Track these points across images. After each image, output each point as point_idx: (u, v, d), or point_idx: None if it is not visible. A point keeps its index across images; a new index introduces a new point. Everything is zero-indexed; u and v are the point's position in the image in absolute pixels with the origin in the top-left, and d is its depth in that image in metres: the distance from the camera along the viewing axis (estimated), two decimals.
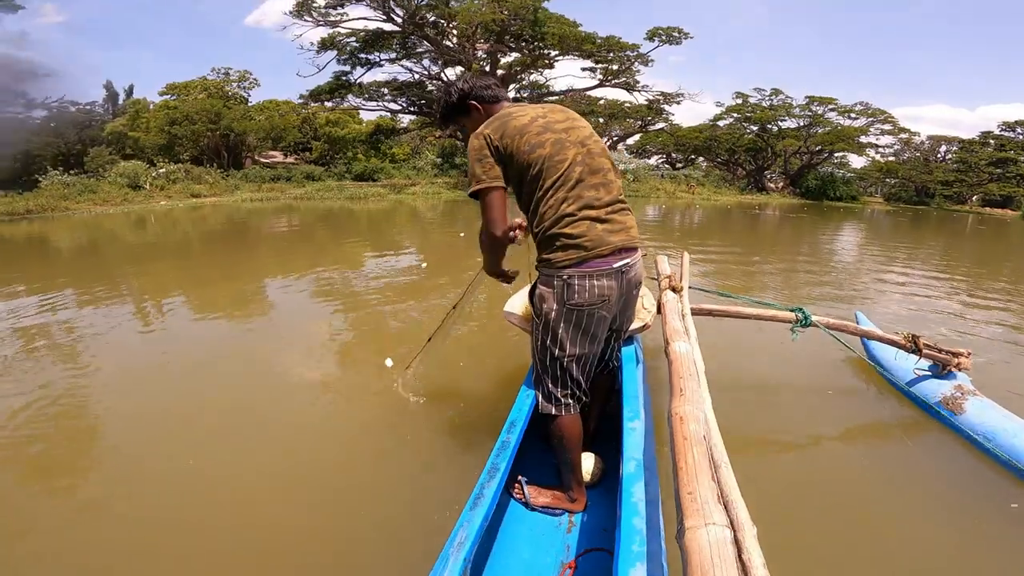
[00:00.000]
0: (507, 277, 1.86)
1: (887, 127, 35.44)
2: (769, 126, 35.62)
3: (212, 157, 29.62)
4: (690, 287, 2.79)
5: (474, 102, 1.70)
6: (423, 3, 23.06)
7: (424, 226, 12.71)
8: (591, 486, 1.78)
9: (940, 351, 2.74)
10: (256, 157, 34.92)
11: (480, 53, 24.99)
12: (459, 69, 26.90)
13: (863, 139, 35.45)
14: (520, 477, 1.76)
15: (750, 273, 7.37)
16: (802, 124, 35.88)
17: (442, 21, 23.62)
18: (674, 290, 2.57)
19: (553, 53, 25.50)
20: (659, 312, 2.41)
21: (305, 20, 23.95)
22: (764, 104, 35.05)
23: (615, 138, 42.31)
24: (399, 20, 23.98)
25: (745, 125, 36.56)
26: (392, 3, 23.06)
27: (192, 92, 31.73)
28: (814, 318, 2.78)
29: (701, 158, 42.92)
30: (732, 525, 1.00)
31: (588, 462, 1.80)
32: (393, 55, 26.89)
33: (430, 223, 13.25)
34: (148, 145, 29.30)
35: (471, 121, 1.71)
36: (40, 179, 23.33)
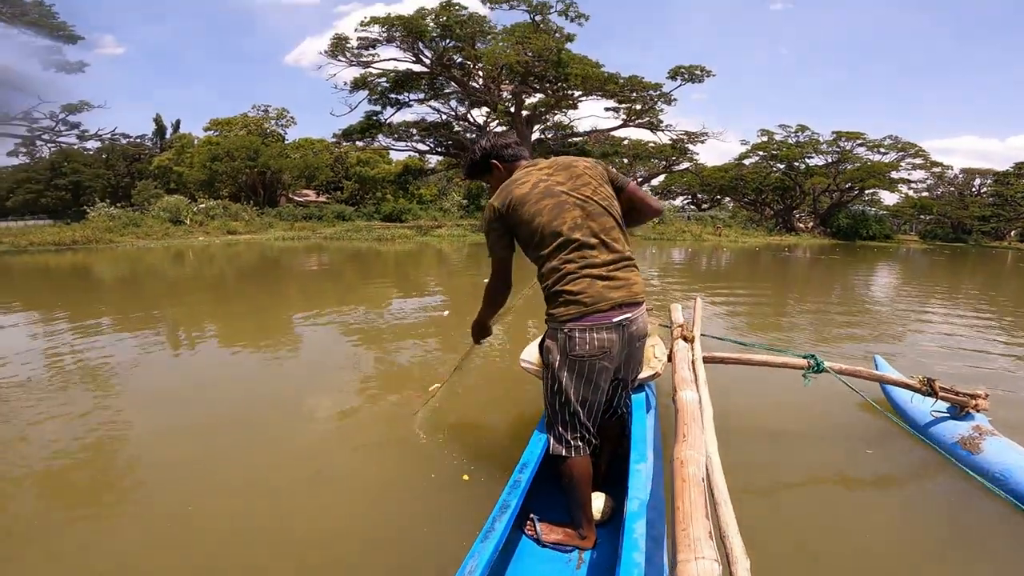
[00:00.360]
0: (488, 334, 2.15)
1: (918, 161, 34.60)
2: (796, 164, 35.09)
3: (249, 194, 30.95)
4: (703, 335, 2.84)
5: (495, 161, 1.84)
6: (450, 45, 24.18)
7: (449, 269, 12.71)
8: (601, 524, 1.85)
9: (957, 393, 2.75)
10: (290, 195, 36.36)
11: (505, 94, 25.84)
12: (484, 110, 27.81)
13: (894, 174, 34.55)
14: (532, 515, 1.84)
15: (780, 317, 7.13)
16: (830, 161, 35.40)
17: (468, 63, 24.65)
18: (685, 339, 2.64)
19: (577, 93, 26.16)
20: (671, 360, 2.47)
21: (339, 60, 25.34)
22: (790, 141, 34.63)
23: (640, 179, 42.56)
24: (427, 61, 25.18)
25: (771, 163, 36.15)
26: (421, 45, 24.28)
27: (234, 128, 33.50)
28: (826, 364, 2.80)
29: (727, 198, 42.63)
30: (727, 559, 1.11)
31: (598, 501, 1.87)
32: (422, 95, 28.03)
33: (455, 267, 13.28)
34: (191, 180, 30.85)
35: (493, 178, 1.86)
36: (88, 210, 24.66)
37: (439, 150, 30.87)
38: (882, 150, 34.09)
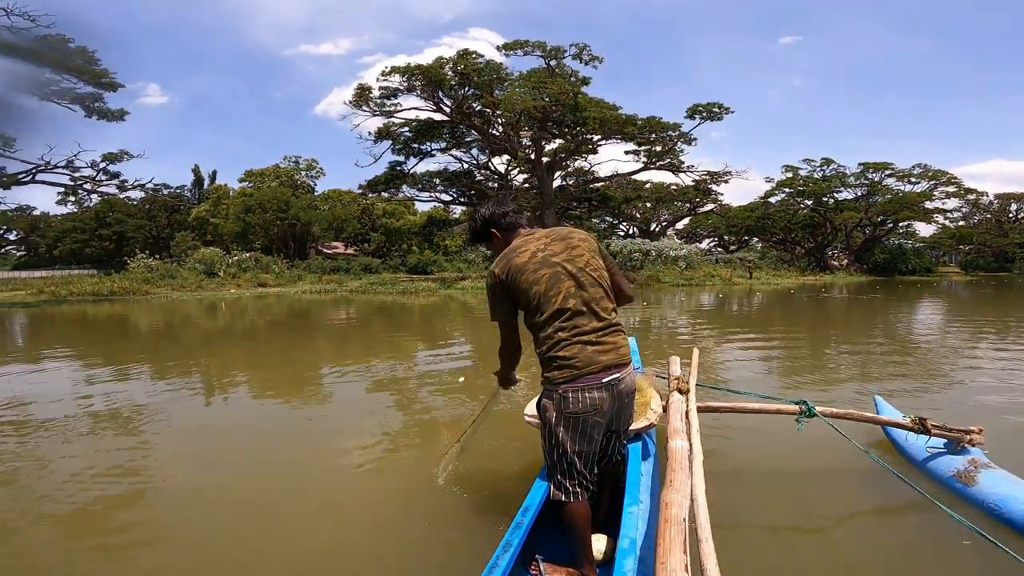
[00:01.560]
0: (515, 382, 2.33)
1: (951, 189, 33.49)
2: (824, 199, 34.43)
3: (280, 246, 31.86)
4: (698, 384, 3.00)
5: (494, 229, 2.01)
6: (469, 93, 24.90)
7: (474, 321, 12.30)
8: (603, 564, 1.94)
9: (950, 430, 2.86)
10: (319, 247, 37.30)
11: (525, 140, 26.36)
12: (505, 157, 28.41)
13: (928, 204, 33.50)
14: (538, 555, 1.97)
15: (822, 362, 6.75)
16: (860, 194, 34.63)
17: (487, 110, 25.30)
18: (680, 391, 2.77)
19: (596, 138, 26.49)
20: (666, 411, 2.61)
21: (363, 110, 26.22)
22: (816, 175, 34.01)
23: (664, 223, 42.34)
24: (448, 110, 25.95)
25: (799, 200, 35.57)
26: (440, 93, 25.08)
27: (267, 179, 34.60)
28: (817, 409, 2.90)
29: (755, 238, 41.95)
30: None
31: (599, 543, 1.98)
32: (443, 144, 28.80)
33: (479, 320, 13.00)
34: (226, 232, 32.00)
35: (493, 245, 2.04)
36: (128, 261, 25.64)
37: (462, 200, 31.38)
38: (912, 179, 33.20)
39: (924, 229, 39.83)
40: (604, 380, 1.78)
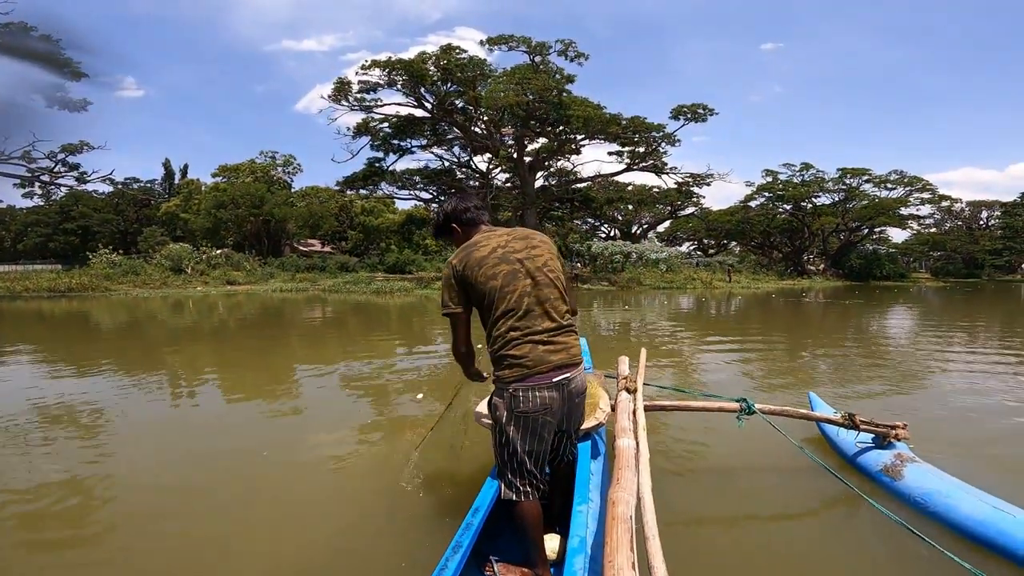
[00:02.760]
0: (483, 377, 2.19)
1: (926, 195, 33.93)
2: (803, 203, 34.72)
3: (253, 243, 30.86)
4: (646, 383, 3.06)
5: (455, 224, 1.98)
6: (451, 89, 24.30)
7: (445, 326, 12.01)
8: (556, 563, 1.95)
9: (877, 425, 2.98)
10: (295, 244, 36.26)
11: (507, 139, 25.93)
12: (487, 156, 27.96)
13: (903, 210, 34.04)
14: (492, 557, 1.96)
15: (797, 364, 6.55)
16: (837, 199, 34.96)
17: (470, 107, 24.74)
18: (628, 391, 2.81)
19: (579, 137, 26.18)
20: (615, 411, 2.63)
21: (342, 104, 25.32)
22: (795, 180, 34.22)
23: (645, 225, 42.29)
24: (429, 106, 25.32)
25: (778, 204, 35.79)
26: (423, 89, 24.42)
27: (242, 175, 33.39)
28: (756, 406, 3.00)
29: (734, 242, 42.19)
30: None
31: (552, 542, 2.00)
32: (424, 141, 28.16)
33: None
34: (196, 228, 30.82)
35: (454, 240, 2.00)
36: (90, 256, 24.46)
37: (442, 198, 30.79)
38: (889, 185, 33.63)
39: (897, 235, 40.53)
40: (554, 380, 1.79)
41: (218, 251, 26.74)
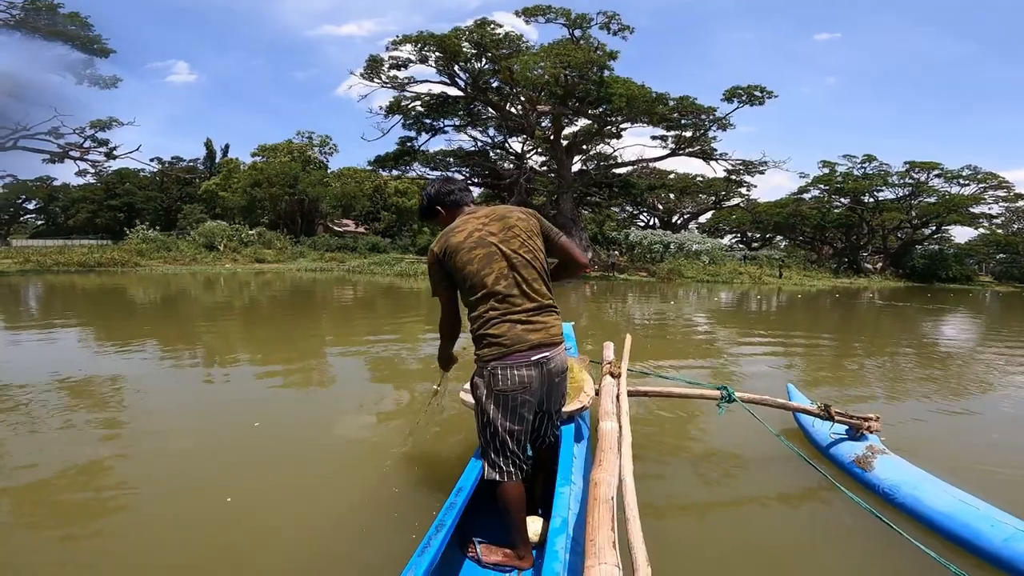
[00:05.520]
0: (450, 364, 2.33)
1: (1001, 193, 30.84)
2: (863, 197, 32.16)
3: (288, 222, 30.86)
4: (630, 369, 3.15)
5: (439, 207, 2.03)
6: (486, 67, 23.12)
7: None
8: (539, 546, 1.96)
9: (851, 417, 3.05)
10: (329, 224, 36.21)
11: (544, 121, 24.61)
12: (523, 137, 26.75)
13: (974, 208, 31.03)
14: (474, 538, 1.98)
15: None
16: (903, 194, 32.20)
17: (505, 86, 23.49)
18: (612, 375, 2.87)
19: (620, 119, 24.58)
20: (599, 394, 2.67)
21: (374, 81, 24.39)
22: (856, 173, 31.60)
23: (687, 215, 40.21)
24: (462, 84, 24.23)
25: (835, 197, 33.30)
26: (456, 67, 23.34)
27: (279, 155, 33.42)
28: (736, 394, 3.01)
29: (780, 236, 39.68)
30: (632, 565, 1.23)
31: (535, 524, 2.02)
32: (458, 121, 27.16)
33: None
34: (233, 206, 31.06)
35: (439, 223, 2.06)
36: (128, 231, 24.74)
37: (475, 180, 29.74)
38: (961, 181, 30.67)
39: (960, 235, 37.25)
40: (533, 358, 1.81)
41: (252, 231, 26.63)
